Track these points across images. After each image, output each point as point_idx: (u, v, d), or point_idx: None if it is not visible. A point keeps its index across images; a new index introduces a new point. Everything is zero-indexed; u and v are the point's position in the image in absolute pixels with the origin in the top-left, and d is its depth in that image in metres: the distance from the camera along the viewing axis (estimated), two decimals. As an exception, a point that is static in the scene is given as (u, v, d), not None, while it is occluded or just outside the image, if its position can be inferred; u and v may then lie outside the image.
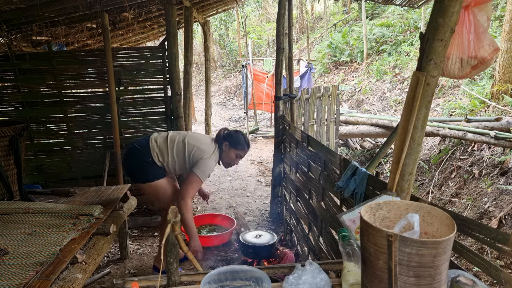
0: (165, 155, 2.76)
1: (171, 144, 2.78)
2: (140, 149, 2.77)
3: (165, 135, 2.85)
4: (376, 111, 7.56)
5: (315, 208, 2.63)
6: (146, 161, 2.75)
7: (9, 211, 2.20)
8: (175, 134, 2.88)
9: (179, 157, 2.77)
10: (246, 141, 2.94)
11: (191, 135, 2.89)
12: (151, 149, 2.75)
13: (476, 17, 1.58)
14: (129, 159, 2.83)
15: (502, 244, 1.11)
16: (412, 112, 1.30)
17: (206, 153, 2.75)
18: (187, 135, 2.87)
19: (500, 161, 4.15)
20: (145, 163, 2.75)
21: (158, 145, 2.78)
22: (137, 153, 2.78)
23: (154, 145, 2.77)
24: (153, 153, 2.75)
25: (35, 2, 3.06)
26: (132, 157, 2.80)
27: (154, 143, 2.78)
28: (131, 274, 3.17)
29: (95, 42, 5.12)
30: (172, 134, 2.87)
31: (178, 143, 2.78)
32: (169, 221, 1.30)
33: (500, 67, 5.17)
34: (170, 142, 2.79)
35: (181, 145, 2.78)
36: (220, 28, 17.24)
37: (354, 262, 1.24)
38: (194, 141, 2.80)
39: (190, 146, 2.76)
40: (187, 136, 2.85)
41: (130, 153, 2.82)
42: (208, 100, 5.83)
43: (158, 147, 2.77)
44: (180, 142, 2.79)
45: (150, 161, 2.75)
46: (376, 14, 11.68)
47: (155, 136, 2.85)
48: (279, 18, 3.67)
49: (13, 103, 3.66)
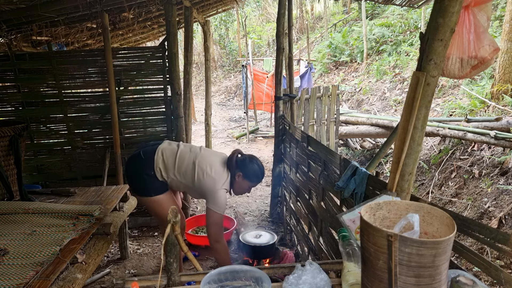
0: (170, 173, 2.52)
1: (179, 163, 2.53)
2: (144, 160, 2.55)
3: (175, 150, 2.58)
4: (376, 111, 7.56)
5: (315, 208, 2.63)
6: (148, 174, 2.52)
7: (9, 211, 2.20)
8: (186, 152, 2.59)
9: (186, 179, 2.52)
10: (262, 172, 2.65)
11: (203, 155, 2.57)
12: (155, 162, 2.52)
13: (476, 17, 1.58)
14: (131, 166, 2.64)
15: (502, 244, 1.11)
16: (412, 112, 1.30)
17: (217, 183, 2.48)
18: (198, 155, 2.56)
19: (500, 161, 4.16)
20: (146, 176, 2.53)
21: (163, 160, 2.53)
22: (140, 162, 2.57)
23: (159, 160, 2.53)
24: (156, 168, 2.52)
25: (35, 2, 3.06)
26: (134, 166, 2.61)
27: (160, 157, 2.54)
28: (131, 274, 3.17)
29: (95, 42, 5.12)
30: (182, 151, 2.58)
31: (187, 165, 2.52)
32: (169, 221, 1.30)
33: (500, 67, 5.17)
34: (178, 161, 2.53)
35: (190, 167, 2.51)
36: (220, 28, 17.24)
37: (354, 262, 1.25)
38: (205, 165, 2.50)
39: (200, 171, 2.49)
40: (198, 157, 2.54)
41: (134, 161, 2.63)
42: (208, 100, 5.82)
43: (164, 163, 2.53)
44: (190, 164, 2.51)
45: (152, 174, 2.52)
46: (376, 14, 11.68)
47: (164, 147, 2.59)
48: (279, 18, 3.67)
49: (13, 103, 3.66)
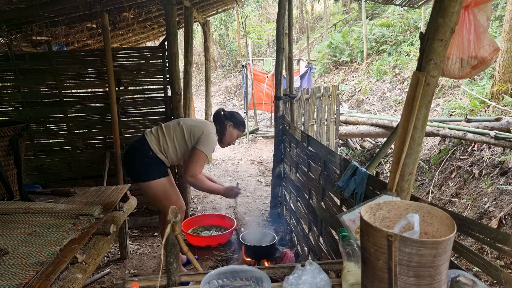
0: (164, 143, 2.74)
1: (167, 131, 2.77)
2: (138, 146, 2.76)
3: (158, 126, 2.85)
4: (376, 111, 7.56)
5: (315, 208, 2.63)
6: (148, 157, 2.72)
7: (9, 211, 2.20)
8: (168, 122, 2.88)
9: (179, 142, 2.76)
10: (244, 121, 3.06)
11: (184, 119, 2.94)
12: (149, 142, 2.73)
13: (476, 17, 1.58)
14: (129, 159, 2.81)
15: (502, 244, 1.11)
16: (412, 112, 1.30)
17: (206, 129, 2.75)
18: (181, 119, 2.90)
19: (500, 161, 4.15)
20: (146, 160, 2.72)
21: (155, 136, 2.77)
22: (136, 151, 2.77)
23: (152, 138, 2.76)
24: (152, 145, 2.72)
25: (35, 2, 3.06)
26: (132, 156, 2.78)
27: (151, 136, 2.77)
28: (131, 274, 3.17)
29: (95, 42, 5.12)
30: (165, 123, 2.87)
31: (174, 128, 2.78)
32: (169, 221, 1.30)
33: (500, 67, 5.17)
34: (166, 130, 2.78)
35: (178, 129, 2.77)
36: (220, 28, 17.25)
37: (354, 262, 1.24)
38: (190, 121, 2.84)
39: (188, 127, 2.77)
40: (181, 120, 2.89)
41: (129, 153, 2.81)
42: (208, 100, 5.83)
43: (156, 138, 2.76)
44: (176, 127, 2.79)
45: (151, 155, 2.72)
46: (376, 14, 11.68)
47: (148, 130, 2.85)
48: (279, 18, 3.67)
49: (13, 103, 3.66)
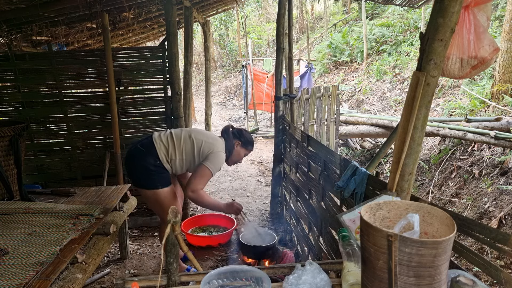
0: (172, 154, 2.64)
1: (177, 141, 2.66)
2: (145, 151, 2.62)
3: (168, 133, 2.72)
4: (376, 111, 7.56)
5: (315, 208, 2.63)
6: (154, 164, 2.60)
7: (9, 211, 2.20)
8: (178, 131, 2.77)
9: (187, 155, 2.66)
10: (253, 140, 2.97)
11: (195, 130, 2.81)
12: (157, 149, 2.61)
13: (476, 17, 1.58)
14: (132, 162, 2.67)
15: (502, 244, 1.11)
16: (412, 112, 1.30)
17: (216, 147, 2.68)
18: (191, 130, 2.78)
19: (500, 161, 4.15)
20: (152, 167, 2.60)
21: (164, 144, 2.64)
22: (141, 155, 2.62)
23: (160, 145, 2.63)
24: (159, 153, 2.61)
25: (35, 2, 3.06)
26: (136, 160, 2.64)
27: (160, 143, 2.64)
28: (131, 274, 3.17)
29: (95, 42, 5.12)
30: (175, 131, 2.76)
31: (185, 140, 2.67)
32: (169, 221, 1.30)
33: (500, 67, 5.17)
34: (176, 140, 2.67)
35: (188, 142, 2.67)
36: (220, 28, 17.25)
37: (354, 262, 1.24)
38: (201, 136, 2.72)
39: (198, 141, 2.67)
40: (192, 131, 2.75)
41: (134, 155, 2.66)
42: (208, 100, 5.82)
43: (165, 147, 2.64)
44: (187, 139, 2.68)
45: (158, 164, 2.61)
46: (376, 14, 11.68)
47: (157, 135, 2.71)
48: (279, 18, 3.67)
49: (13, 103, 3.65)
